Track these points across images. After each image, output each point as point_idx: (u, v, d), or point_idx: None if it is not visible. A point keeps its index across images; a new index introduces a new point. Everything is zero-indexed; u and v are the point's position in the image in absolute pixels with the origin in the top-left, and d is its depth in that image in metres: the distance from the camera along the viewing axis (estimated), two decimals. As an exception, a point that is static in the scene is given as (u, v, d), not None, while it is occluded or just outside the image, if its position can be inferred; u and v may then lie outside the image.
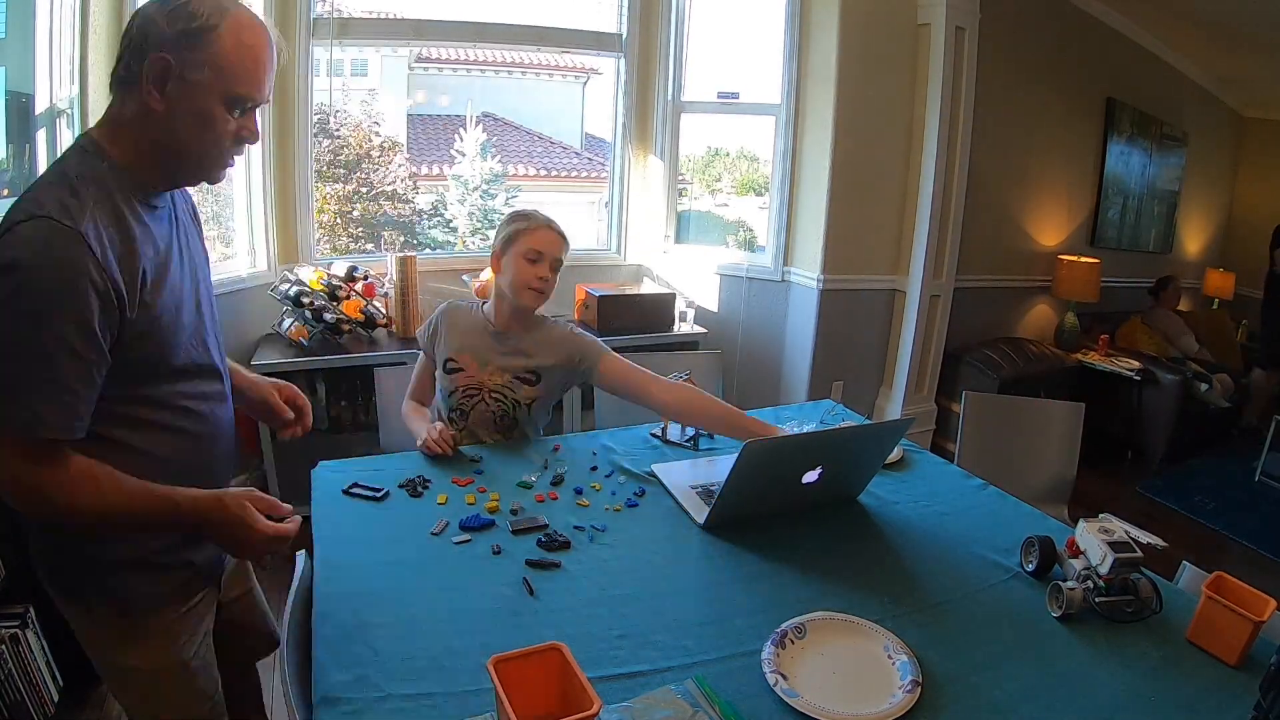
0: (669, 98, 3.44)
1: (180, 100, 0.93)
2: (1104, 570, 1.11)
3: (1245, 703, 0.92)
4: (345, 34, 2.96)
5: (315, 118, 3.11)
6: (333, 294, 2.79)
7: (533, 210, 1.77)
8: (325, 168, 4.15)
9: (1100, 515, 1.20)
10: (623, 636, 1.04)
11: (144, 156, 0.96)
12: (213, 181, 1.05)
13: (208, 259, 1.17)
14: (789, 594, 1.16)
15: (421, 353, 1.85)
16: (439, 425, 1.65)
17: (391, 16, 3.21)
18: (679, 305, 3.30)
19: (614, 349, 1.75)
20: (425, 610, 1.08)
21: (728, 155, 4.01)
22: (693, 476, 1.55)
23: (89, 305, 0.86)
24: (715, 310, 3.55)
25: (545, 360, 1.73)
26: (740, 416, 1.62)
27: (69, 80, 2.01)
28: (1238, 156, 5.71)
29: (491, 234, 3.10)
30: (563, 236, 1.73)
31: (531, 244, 1.68)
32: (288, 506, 1.05)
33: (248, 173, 2.85)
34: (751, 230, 3.80)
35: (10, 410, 0.85)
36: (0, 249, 0.83)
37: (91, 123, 2.05)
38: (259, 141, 1.10)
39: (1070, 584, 1.14)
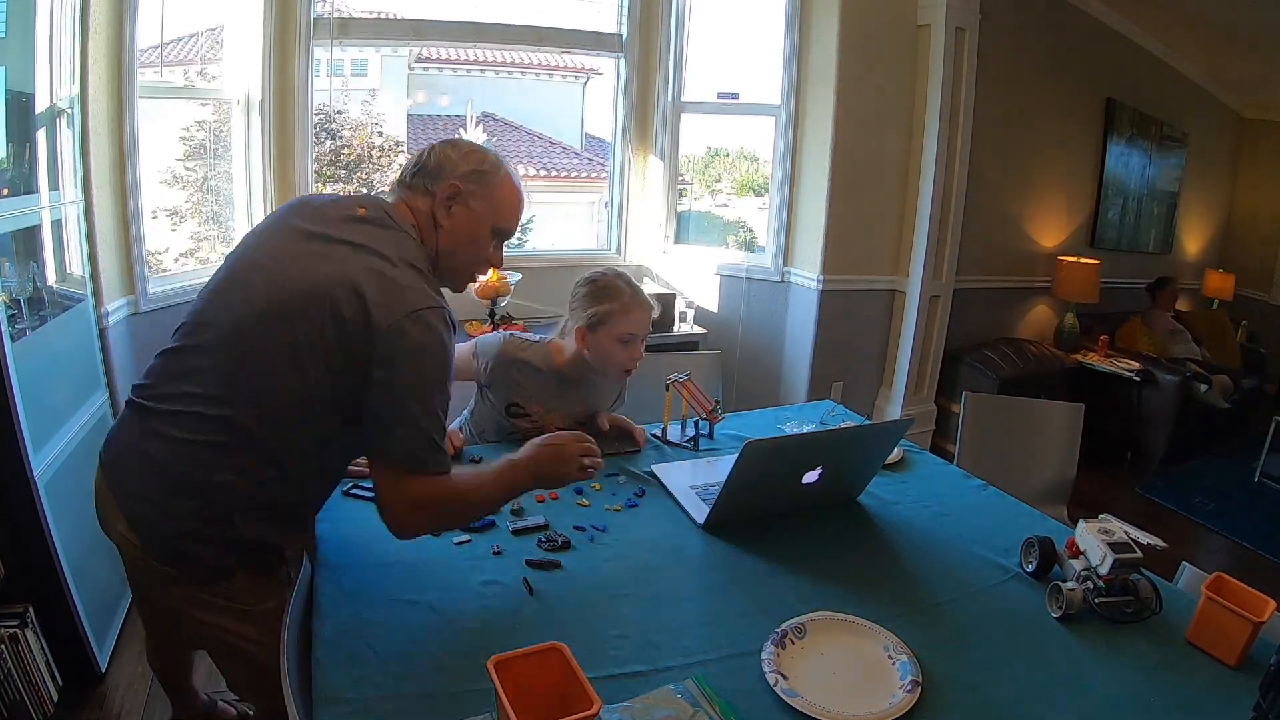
0: (669, 98, 3.44)
1: (460, 220, 1.23)
2: (1104, 571, 1.11)
3: (1245, 703, 0.92)
4: (345, 34, 2.96)
5: (316, 118, 3.11)
6: (333, 294, 2.78)
7: (614, 279, 1.67)
8: (326, 168, 4.15)
9: (1100, 515, 1.20)
10: (623, 636, 1.04)
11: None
12: (455, 290, 1.31)
13: None
14: (789, 594, 1.16)
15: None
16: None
17: (391, 16, 3.21)
18: (679, 305, 3.31)
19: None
20: (425, 610, 1.08)
21: (728, 155, 4.01)
22: (693, 477, 1.55)
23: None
24: (715, 310, 3.55)
25: (602, 403, 1.78)
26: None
27: (69, 80, 2.01)
28: (1238, 157, 5.71)
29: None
30: (652, 307, 1.69)
31: (627, 329, 1.63)
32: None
33: (248, 173, 2.85)
34: (751, 230, 3.81)
35: (439, 456, 1.12)
36: (429, 330, 1.08)
37: (91, 122, 2.09)
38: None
39: (1070, 584, 1.14)
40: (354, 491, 1.42)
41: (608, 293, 1.63)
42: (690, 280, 3.56)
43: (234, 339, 1.09)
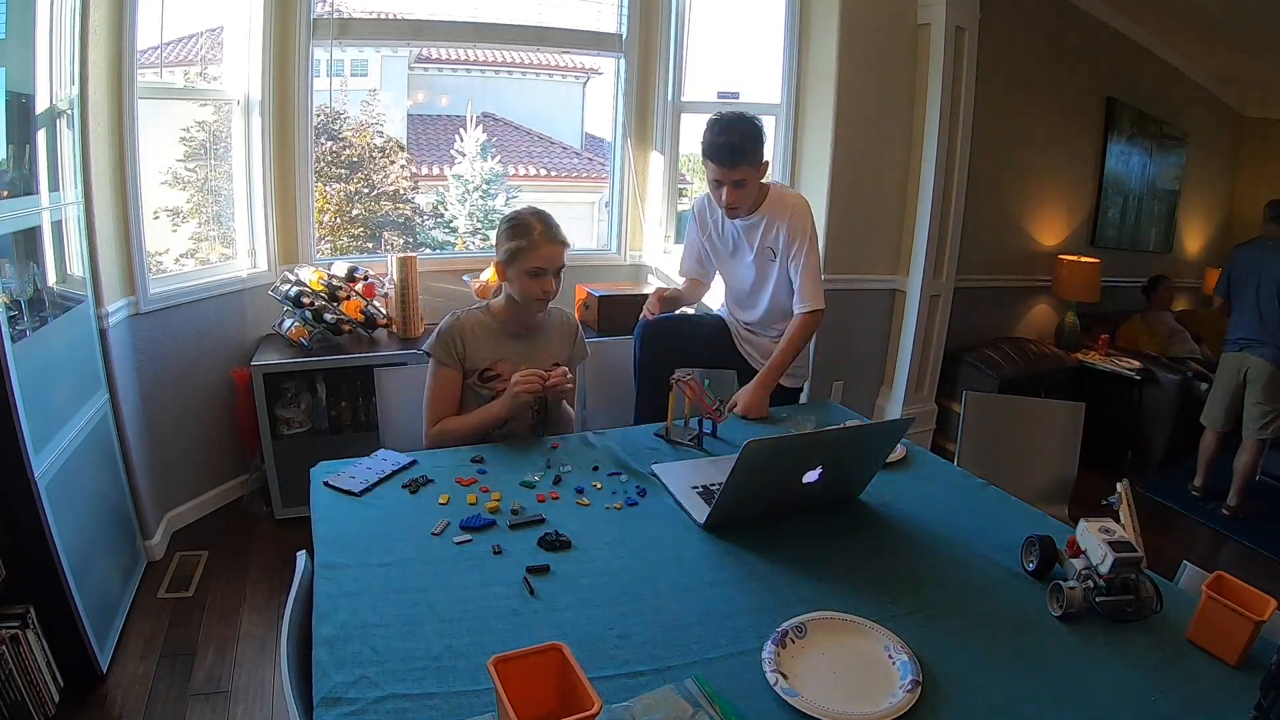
0: (669, 97, 3.44)
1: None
2: (1105, 570, 1.11)
3: (1245, 703, 0.92)
4: (345, 34, 2.96)
5: (317, 119, 3.11)
6: (333, 294, 2.79)
7: (529, 217, 1.76)
8: (327, 167, 4.15)
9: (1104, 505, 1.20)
10: (623, 636, 1.04)
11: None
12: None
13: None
14: (789, 593, 1.16)
15: (439, 368, 1.77)
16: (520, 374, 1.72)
17: (391, 16, 3.21)
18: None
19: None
20: (425, 610, 1.08)
21: (728, 155, 4.01)
22: (693, 476, 1.55)
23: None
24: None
25: (560, 350, 1.89)
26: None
27: (69, 80, 2.01)
28: (1238, 156, 5.71)
29: (492, 234, 3.10)
30: (564, 244, 1.77)
31: (535, 262, 1.74)
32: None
33: (248, 173, 2.85)
34: (752, 230, 3.80)
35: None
36: None
37: (91, 123, 2.11)
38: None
39: (1071, 583, 1.14)
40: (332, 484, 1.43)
41: (521, 230, 1.75)
42: (690, 280, 3.55)
43: None
